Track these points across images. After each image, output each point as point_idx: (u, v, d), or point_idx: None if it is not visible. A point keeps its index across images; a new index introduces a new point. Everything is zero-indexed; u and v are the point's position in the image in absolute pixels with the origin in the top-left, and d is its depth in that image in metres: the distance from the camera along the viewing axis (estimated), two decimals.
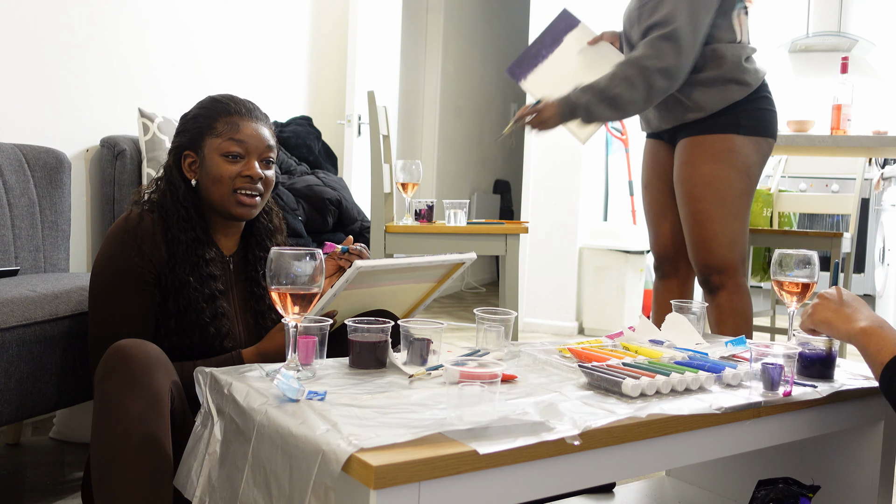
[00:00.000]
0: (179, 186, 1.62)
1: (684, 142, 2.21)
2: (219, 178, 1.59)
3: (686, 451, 1.23)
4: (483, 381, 1.05)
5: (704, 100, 2.15)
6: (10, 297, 1.68)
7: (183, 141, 1.64)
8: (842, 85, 2.96)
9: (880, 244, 4.68)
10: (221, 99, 1.65)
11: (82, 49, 2.76)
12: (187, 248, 1.58)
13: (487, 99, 6.64)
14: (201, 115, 1.63)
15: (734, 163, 2.14)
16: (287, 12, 3.94)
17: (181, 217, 1.59)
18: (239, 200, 1.60)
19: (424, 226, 2.67)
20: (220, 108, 1.63)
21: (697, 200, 2.16)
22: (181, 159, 1.64)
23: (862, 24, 5.21)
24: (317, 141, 3.66)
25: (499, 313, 1.52)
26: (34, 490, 1.98)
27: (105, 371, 1.31)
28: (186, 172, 1.63)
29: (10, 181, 2.25)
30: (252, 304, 1.68)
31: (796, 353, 1.35)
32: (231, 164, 1.60)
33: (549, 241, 4.35)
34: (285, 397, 1.14)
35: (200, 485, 1.21)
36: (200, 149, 1.62)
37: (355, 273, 1.44)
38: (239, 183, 1.60)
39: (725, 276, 2.15)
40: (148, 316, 1.55)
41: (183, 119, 1.68)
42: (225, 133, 1.60)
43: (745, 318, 2.16)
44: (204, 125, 1.62)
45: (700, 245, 2.18)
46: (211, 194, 1.61)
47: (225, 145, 1.59)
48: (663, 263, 2.38)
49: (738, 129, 2.15)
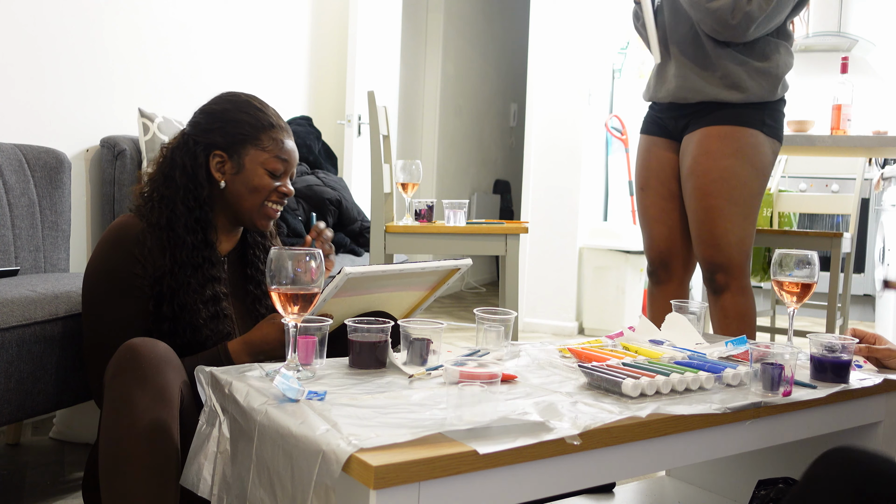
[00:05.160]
0: (204, 187, 1.59)
1: (706, 131, 2.13)
2: (257, 190, 1.60)
3: (686, 451, 1.23)
4: (483, 381, 1.05)
5: (749, 84, 2.09)
6: (10, 297, 1.68)
7: (217, 141, 1.60)
8: (842, 85, 2.95)
9: (880, 244, 4.67)
10: (260, 107, 1.63)
11: (82, 49, 2.76)
12: (193, 249, 1.56)
13: (487, 99, 6.64)
14: (245, 123, 1.60)
15: (754, 161, 2.10)
16: (287, 12, 3.94)
17: (194, 218, 1.57)
18: (266, 213, 1.62)
19: (424, 226, 2.67)
20: (265, 121, 1.62)
21: (710, 196, 2.11)
22: (209, 158, 1.60)
23: (862, 24, 5.21)
24: (317, 141, 3.66)
25: (499, 313, 1.52)
26: (34, 490, 1.98)
27: (116, 369, 1.32)
28: (214, 173, 1.60)
29: (10, 181, 2.25)
30: (248, 303, 1.68)
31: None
32: (273, 179, 1.61)
33: (549, 241, 4.35)
34: (285, 397, 1.14)
35: (217, 482, 1.22)
36: (239, 155, 1.59)
37: (344, 279, 1.44)
38: (273, 196, 1.62)
39: (731, 276, 2.12)
40: (141, 321, 1.53)
41: (212, 115, 1.63)
42: (272, 149, 1.60)
43: (748, 322, 2.13)
44: (248, 134, 1.60)
45: (708, 242, 2.13)
46: (242, 202, 1.61)
47: (271, 162, 1.60)
48: (658, 269, 2.31)
49: (763, 128, 2.11)
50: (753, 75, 2.10)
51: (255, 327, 1.54)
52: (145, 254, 1.53)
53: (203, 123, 1.62)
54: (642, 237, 2.36)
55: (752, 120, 2.10)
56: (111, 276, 1.53)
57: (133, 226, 1.55)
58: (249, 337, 1.52)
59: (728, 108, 2.11)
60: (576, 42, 4.31)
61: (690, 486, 1.94)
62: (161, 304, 1.54)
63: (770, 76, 2.11)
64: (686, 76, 2.16)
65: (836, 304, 3.09)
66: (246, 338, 1.53)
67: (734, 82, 2.10)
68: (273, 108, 1.67)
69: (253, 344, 1.51)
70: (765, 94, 2.11)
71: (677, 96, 2.19)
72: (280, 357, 1.46)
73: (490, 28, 6.61)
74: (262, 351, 1.50)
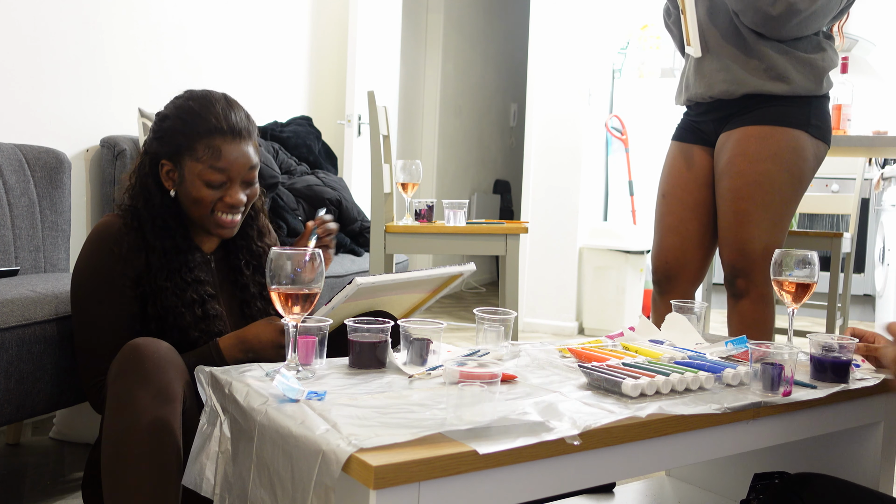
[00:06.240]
0: (155, 195, 1.55)
1: (745, 130, 2.07)
2: (199, 201, 1.54)
3: (686, 451, 1.23)
4: (483, 381, 1.05)
5: (794, 75, 2.03)
6: (10, 297, 1.68)
7: (160, 150, 1.55)
8: (842, 85, 2.95)
9: (880, 244, 4.68)
10: (201, 111, 1.53)
11: (82, 49, 2.75)
12: (164, 255, 1.54)
13: (487, 99, 6.64)
14: (179, 132, 1.52)
15: (793, 166, 2.04)
16: (287, 12, 3.94)
17: (157, 226, 1.55)
18: (217, 222, 1.56)
19: (424, 226, 2.67)
20: (200, 127, 1.51)
21: (742, 199, 2.05)
22: (158, 167, 1.56)
23: (862, 24, 5.20)
24: (317, 141, 3.66)
25: (499, 313, 1.52)
26: (34, 490, 1.98)
27: (119, 368, 1.32)
28: (164, 181, 1.56)
29: (10, 181, 2.25)
30: (237, 299, 1.66)
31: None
32: (212, 189, 1.53)
33: (549, 241, 4.35)
34: (285, 397, 1.14)
35: (219, 482, 1.22)
36: (179, 165, 1.54)
37: (355, 289, 1.44)
38: (219, 207, 1.55)
39: (751, 282, 2.06)
40: (128, 321, 1.53)
41: (159, 121, 1.57)
42: (205, 159, 1.51)
43: (764, 331, 2.07)
44: (183, 144, 1.52)
45: (733, 245, 2.08)
46: (191, 212, 1.57)
47: (206, 173, 1.51)
48: (661, 279, 2.24)
49: (808, 128, 2.05)
50: (798, 66, 2.04)
51: (251, 325, 1.53)
52: (124, 253, 1.52)
53: (153, 130, 1.58)
54: (652, 243, 2.30)
55: (797, 119, 2.04)
56: (95, 275, 1.52)
57: (113, 224, 1.55)
58: (243, 333, 1.52)
59: (773, 104, 2.06)
60: (576, 42, 4.31)
61: (690, 486, 1.94)
62: (146, 304, 1.54)
63: (816, 68, 2.05)
64: (728, 68, 2.09)
65: (836, 304, 3.09)
66: (239, 334, 1.52)
67: (779, 73, 2.04)
68: (227, 110, 1.54)
69: (246, 341, 1.51)
70: (811, 87, 2.05)
71: (720, 90, 2.11)
72: (270, 359, 1.46)
73: (490, 28, 6.61)
74: (253, 349, 1.49)
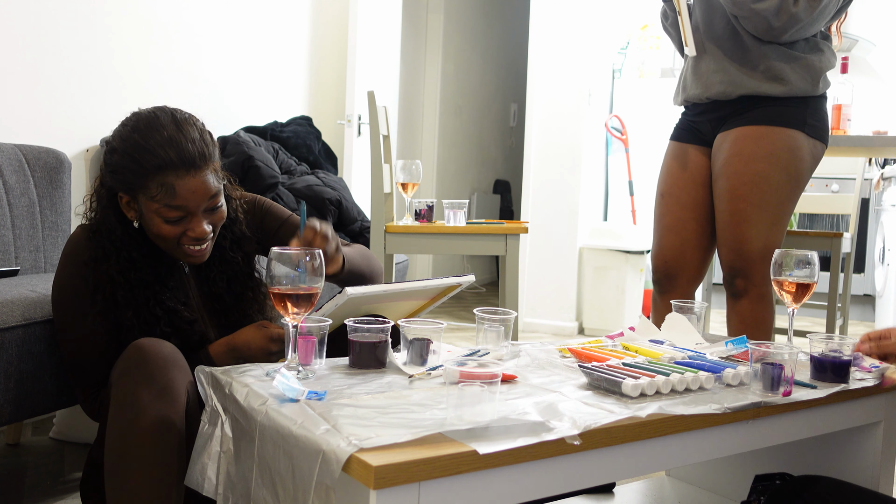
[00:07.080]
0: (115, 229, 1.48)
1: (742, 131, 2.08)
2: (161, 237, 1.47)
3: (686, 451, 1.23)
4: (483, 381, 1.05)
5: (791, 76, 2.04)
6: (10, 297, 1.67)
7: (114, 184, 1.47)
8: (842, 85, 2.95)
9: (880, 244, 4.67)
10: (147, 144, 1.41)
11: (82, 49, 2.75)
12: (130, 290, 1.47)
13: (487, 99, 6.64)
14: (129, 170, 1.42)
15: (789, 166, 2.05)
16: (287, 12, 3.94)
17: (121, 258, 1.47)
18: (186, 252, 1.49)
19: (424, 226, 2.67)
20: (148, 163, 1.40)
21: (739, 199, 2.06)
22: (117, 198, 1.48)
23: (862, 24, 5.21)
24: (317, 141, 3.66)
25: (499, 313, 1.52)
26: (34, 490, 1.98)
27: (122, 368, 1.33)
28: (126, 212, 1.48)
29: (10, 181, 2.25)
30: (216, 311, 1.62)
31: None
32: (173, 225, 1.45)
33: (549, 241, 4.35)
34: (285, 397, 1.14)
35: (222, 482, 1.22)
36: (136, 200, 1.45)
37: (344, 299, 1.43)
38: (184, 240, 1.47)
39: (750, 282, 2.08)
40: (108, 334, 1.50)
41: (109, 154, 1.46)
42: (160, 198, 1.41)
43: (763, 330, 2.08)
44: (135, 183, 1.42)
45: (731, 245, 2.09)
46: (157, 243, 1.50)
47: (163, 210, 1.43)
48: (661, 279, 2.25)
49: (804, 128, 2.06)
50: (795, 67, 2.05)
51: (241, 331, 1.53)
52: (92, 267, 1.48)
53: (104, 161, 1.48)
54: (652, 243, 2.31)
55: (793, 119, 2.05)
56: (69, 292, 1.50)
57: (80, 238, 1.51)
58: (233, 340, 1.51)
59: (769, 104, 2.07)
60: (576, 42, 4.31)
61: (690, 486, 1.94)
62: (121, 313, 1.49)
63: (812, 69, 2.06)
64: (726, 70, 2.11)
65: (836, 304, 3.09)
66: (230, 341, 1.52)
67: (776, 74, 2.05)
68: (175, 136, 1.42)
69: (236, 349, 1.51)
70: (807, 88, 2.06)
71: (717, 91, 2.13)
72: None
73: (490, 28, 6.61)
74: (242, 356, 1.49)
